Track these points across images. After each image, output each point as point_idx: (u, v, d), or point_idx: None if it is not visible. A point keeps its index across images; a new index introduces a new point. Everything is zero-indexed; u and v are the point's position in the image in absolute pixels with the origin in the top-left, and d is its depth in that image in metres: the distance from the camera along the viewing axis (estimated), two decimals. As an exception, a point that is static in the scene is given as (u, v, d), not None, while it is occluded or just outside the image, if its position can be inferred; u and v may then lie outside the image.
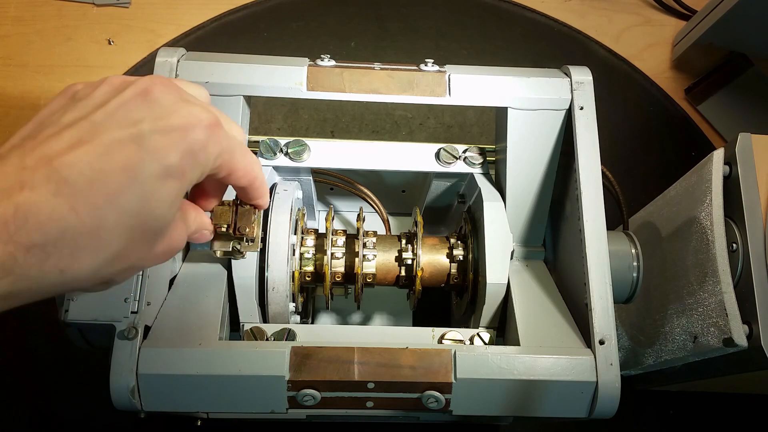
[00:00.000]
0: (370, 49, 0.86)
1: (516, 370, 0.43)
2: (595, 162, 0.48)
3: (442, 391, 0.43)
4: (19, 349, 0.70)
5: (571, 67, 0.51)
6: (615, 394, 0.43)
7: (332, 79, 0.50)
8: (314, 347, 0.43)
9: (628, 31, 0.90)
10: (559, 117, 0.51)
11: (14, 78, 0.81)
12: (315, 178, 0.59)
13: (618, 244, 0.51)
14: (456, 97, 0.51)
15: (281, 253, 0.49)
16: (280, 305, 0.50)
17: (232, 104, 0.50)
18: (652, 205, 0.66)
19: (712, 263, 0.51)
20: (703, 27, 0.80)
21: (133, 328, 0.41)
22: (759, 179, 0.51)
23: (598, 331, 0.44)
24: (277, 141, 0.55)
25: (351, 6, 0.88)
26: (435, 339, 0.49)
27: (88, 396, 0.67)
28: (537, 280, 0.52)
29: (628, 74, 0.87)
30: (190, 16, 0.86)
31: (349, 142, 0.57)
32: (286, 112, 0.82)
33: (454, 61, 0.56)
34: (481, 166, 0.55)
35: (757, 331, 0.47)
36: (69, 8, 0.85)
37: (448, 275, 0.54)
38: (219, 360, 0.42)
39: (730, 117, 0.84)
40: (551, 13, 0.90)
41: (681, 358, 0.56)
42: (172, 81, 0.33)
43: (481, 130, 0.83)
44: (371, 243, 0.54)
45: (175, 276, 0.50)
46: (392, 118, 0.83)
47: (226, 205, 0.44)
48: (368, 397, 0.44)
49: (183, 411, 0.43)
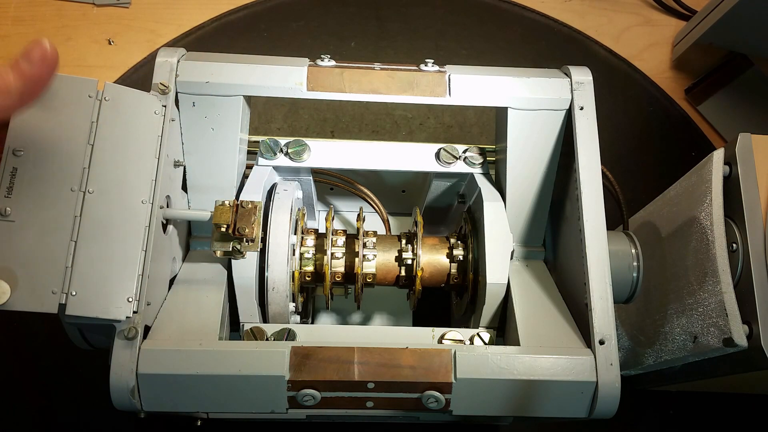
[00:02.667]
0: (370, 49, 0.86)
1: (516, 370, 0.43)
2: (595, 162, 0.48)
3: (442, 391, 0.43)
4: (20, 349, 0.70)
5: (571, 68, 0.51)
6: (615, 394, 0.43)
7: (332, 79, 0.50)
8: (314, 347, 0.43)
9: (628, 31, 0.90)
10: (559, 117, 0.51)
11: (14, 78, 0.81)
12: (315, 178, 0.59)
13: (618, 244, 0.51)
14: (456, 97, 0.51)
15: (281, 253, 0.49)
16: (280, 305, 0.50)
17: (232, 104, 0.50)
18: (652, 205, 0.66)
19: (712, 263, 0.51)
20: (703, 27, 0.80)
21: (133, 328, 0.41)
22: (759, 179, 0.51)
23: (598, 331, 0.44)
24: (277, 141, 0.55)
25: (351, 6, 0.88)
26: (435, 339, 0.49)
27: (88, 396, 0.67)
28: (537, 280, 0.52)
29: (628, 74, 0.87)
30: (190, 16, 0.86)
31: (349, 142, 0.57)
32: (286, 112, 0.82)
33: (454, 61, 0.56)
34: (481, 166, 0.55)
35: (757, 331, 0.47)
36: (69, 8, 0.85)
37: (448, 275, 0.54)
38: (219, 360, 0.42)
39: (730, 117, 0.84)
40: (551, 13, 0.90)
41: (681, 358, 0.56)
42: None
43: (481, 130, 0.83)
44: (371, 243, 0.54)
45: (175, 276, 0.50)
46: (392, 118, 0.83)
47: (227, 205, 0.44)
48: (368, 397, 0.44)
49: (183, 411, 0.43)
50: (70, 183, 0.41)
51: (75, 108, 0.42)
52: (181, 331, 0.45)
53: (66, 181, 0.41)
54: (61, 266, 0.39)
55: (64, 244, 0.40)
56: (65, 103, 0.42)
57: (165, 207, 0.46)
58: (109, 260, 0.41)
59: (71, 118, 0.42)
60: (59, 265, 0.39)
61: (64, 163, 0.41)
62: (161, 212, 0.45)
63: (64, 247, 0.40)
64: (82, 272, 0.40)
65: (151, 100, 0.46)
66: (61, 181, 0.41)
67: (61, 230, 0.40)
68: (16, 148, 0.40)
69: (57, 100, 0.42)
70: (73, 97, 0.42)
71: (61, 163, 0.41)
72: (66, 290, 0.39)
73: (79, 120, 0.42)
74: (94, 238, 0.41)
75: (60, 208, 0.40)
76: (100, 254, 0.41)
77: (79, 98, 0.43)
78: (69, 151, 0.41)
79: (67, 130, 0.42)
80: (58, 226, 0.40)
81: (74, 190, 0.41)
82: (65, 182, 0.41)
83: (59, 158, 0.41)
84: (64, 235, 0.40)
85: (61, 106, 0.42)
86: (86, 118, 0.42)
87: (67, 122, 0.42)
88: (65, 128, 0.42)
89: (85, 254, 0.40)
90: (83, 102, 0.43)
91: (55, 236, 0.40)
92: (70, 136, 0.42)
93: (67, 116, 0.42)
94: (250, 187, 0.51)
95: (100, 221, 0.41)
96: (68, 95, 0.42)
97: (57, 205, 0.40)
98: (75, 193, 0.41)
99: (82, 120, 0.42)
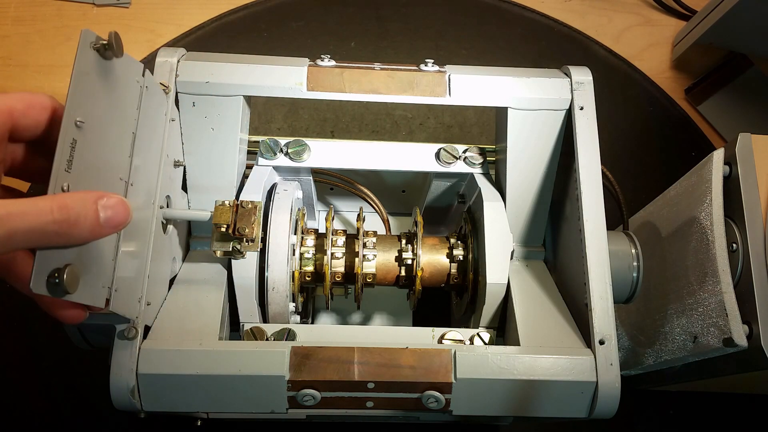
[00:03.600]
0: (370, 49, 0.86)
1: (516, 370, 0.43)
2: (595, 162, 0.48)
3: (442, 391, 0.43)
4: (20, 350, 0.70)
5: (571, 68, 0.52)
6: (615, 394, 0.43)
7: (332, 79, 0.50)
8: (314, 347, 0.43)
9: (628, 31, 0.90)
10: (559, 117, 0.51)
11: (14, 78, 0.81)
12: (315, 178, 0.59)
13: (618, 244, 0.51)
14: (456, 97, 0.51)
15: (281, 253, 0.49)
16: (280, 305, 0.50)
17: (231, 104, 0.50)
18: (652, 205, 0.66)
19: (712, 263, 0.51)
20: (703, 27, 0.80)
21: (133, 328, 0.41)
22: (759, 179, 0.51)
23: (598, 331, 0.44)
24: (277, 141, 0.55)
25: (351, 6, 0.88)
26: (435, 339, 0.49)
27: (89, 396, 0.67)
28: (537, 280, 0.52)
29: (628, 74, 0.87)
30: (190, 16, 0.86)
31: (349, 142, 0.57)
32: (286, 112, 0.82)
33: (454, 61, 0.56)
34: (481, 166, 0.55)
35: (757, 331, 0.47)
36: (69, 8, 0.85)
37: (448, 275, 0.54)
38: (219, 360, 0.42)
39: (730, 117, 0.84)
40: (551, 13, 0.90)
41: (681, 358, 0.56)
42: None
43: (481, 130, 0.83)
44: (371, 243, 0.54)
45: (175, 276, 0.50)
46: (392, 118, 0.83)
47: (227, 205, 0.44)
48: (368, 397, 0.44)
49: (183, 411, 0.43)
50: (118, 171, 0.38)
51: (126, 90, 0.39)
52: (181, 331, 0.45)
53: (116, 168, 0.38)
54: (110, 259, 0.37)
55: (112, 237, 0.37)
56: (120, 82, 0.38)
57: (165, 207, 0.46)
58: (133, 258, 0.40)
59: (123, 100, 0.39)
60: (108, 258, 0.37)
61: (115, 149, 0.38)
62: (161, 212, 0.45)
63: (112, 239, 0.37)
64: (120, 267, 0.38)
65: (164, 98, 0.46)
66: (113, 168, 0.38)
67: None
68: (79, 118, 0.34)
69: (114, 76, 0.37)
70: (126, 77, 0.39)
71: (113, 148, 0.38)
72: (111, 285, 0.37)
73: (128, 106, 0.39)
74: (127, 233, 0.38)
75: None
76: (128, 252, 0.39)
77: (130, 80, 0.39)
78: (119, 137, 0.38)
79: (119, 114, 0.39)
80: None
81: (122, 180, 0.38)
82: (115, 170, 0.38)
83: (111, 142, 0.37)
84: None
85: (116, 84, 0.38)
86: (134, 104, 0.40)
87: (119, 103, 0.38)
88: (118, 110, 0.38)
89: (123, 249, 0.38)
90: (132, 87, 0.39)
91: None
92: (121, 121, 0.39)
93: (119, 96, 0.38)
94: (250, 187, 0.51)
95: (134, 217, 0.39)
96: (123, 74, 0.39)
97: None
98: (122, 184, 0.38)
99: (131, 106, 0.39)
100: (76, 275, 0.32)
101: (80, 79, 0.34)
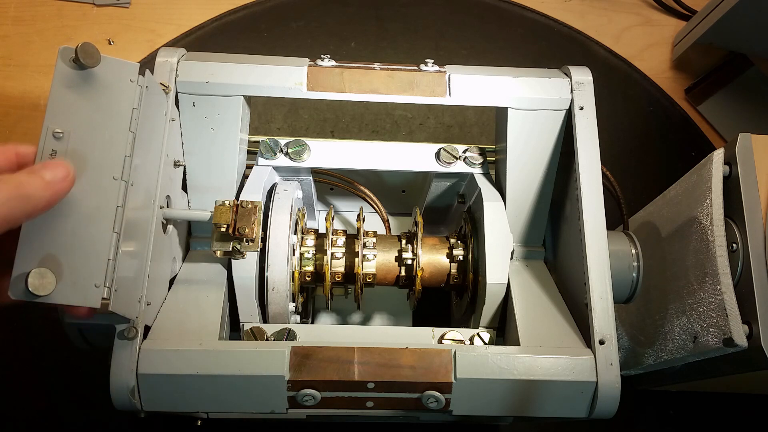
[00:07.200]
0: (370, 49, 0.86)
1: (516, 370, 0.43)
2: (595, 162, 0.48)
3: (442, 391, 0.43)
4: (20, 350, 0.70)
5: (571, 68, 0.52)
6: (615, 394, 0.43)
7: (332, 79, 0.50)
8: (314, 347, 0.43)
9: (628, 31, 0.90)
10: (559, 117, 0.51)
11: (14, 78, 0.81)
12: (315, 178, 0.59)
13: (618, 244, 0.51)
14: (456, 97, 0.51)
15: (281, 253, 0.49)
16: (280, 305, 0.50)
17: (231, 104, 0.50)
18: (652, 205, 0.66)
19: (712, 263, 0.51)
20: (703, 27, 0.80)
21: (133, 328, 0.41)
22: (759, 179, 0.51)
23: (598, 331, 0.44)
24: (277, 141, 0.55)
25: (351, 6, 0.88)
26: (435, 339, 0.49)
27: (88, 396, 0.67)
28: (537, 280, 0.52)
29: (628, 74, 0.87)
30: (190, 16, 0.86)
31: (349, 142, 0.57)
32: (286, 112, 0.82)
33: (454, 61, 0.56)
34: (481, 166, 0.55)
35: (757, 331, 0.47)
36: (69, 8, 0.85)
37: (448, 275, 0.54)
38: (219, 360, 0.42)
39: (730, 117, 0.84)
40: (551, 13, 0.90)
41: (681, 358, 0.56)
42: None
43: (481, 130, 0.83)
44: (371, 243, 0.54)
45: (175, 276, 0.50)
46: (392, 118, 0.83)
47: (227, 205, 0.44)
48: (368, 397, 0.44)
49: (183, 411, 0.43)
50: (111, 171, 0.38)
51: (117, 92, 0.40)
52: (181, 331, 0.45)
53: (108, 168, 0.38)
54: (104, 258, 0.36)
55: (107, 235, 0.37)
56: (107, 85, 0.39)
57: (165, 207, 0.46)
58: (132, 258, 0.40)
59: (113, 102, 0.39)
60: (102, 257, 0.36)
61: (106, 149, 0.38)
62: (161, 212, 0.45)
63: (107, 237, 0.37)
64: (120, 267, 0.38)
65: (164, 98, 0.46)
66: (103, 168, 0.38)
67: (104, 220, 0.37)
68: (56, 129, 0.36)
69: (98, 82, 0.39)
70: (115, 79, 0.40)
71: (103, 149, 0.38)
72: (109, 284, 0.37)
73: (121, 105, 0.40)
74: (127, 233, 0.38)
75: (102, 197, 0.37)
76: (128, 252, 0.39)
77: (121, 82, 0.40)
78: (111, 137, 0.39)
79: (110, 115, 0.39)
80: (101, 216, 0.37)
81: (116, 179, 0.38)
82: (107, 169, 0.38)
83: (101, 143, 0.38)
84: (107, 225, 0.37)
85: (103, 89, 0.39)
86: (129, 103, 0.40)
87: (108, 106, 0.39)
88: (107, 112, 0.39)
89: (122, 248, 0.38)
90: (125, 86, 0.40)
91: (98, 226, 0.37)
92: (112, 121, 0.39)
93: (108, 99, 0.39)
94: (250, 187, 0.51)
95: (133, 217, 0.39)
96: (110, 77, 0.40)
97: (99, 193, 0.37)
98: (117, 182, 0.38)
99: (125, 105, 0.40)
100: (47, 277, 0.34)
101: (57, 94, 0.38)
